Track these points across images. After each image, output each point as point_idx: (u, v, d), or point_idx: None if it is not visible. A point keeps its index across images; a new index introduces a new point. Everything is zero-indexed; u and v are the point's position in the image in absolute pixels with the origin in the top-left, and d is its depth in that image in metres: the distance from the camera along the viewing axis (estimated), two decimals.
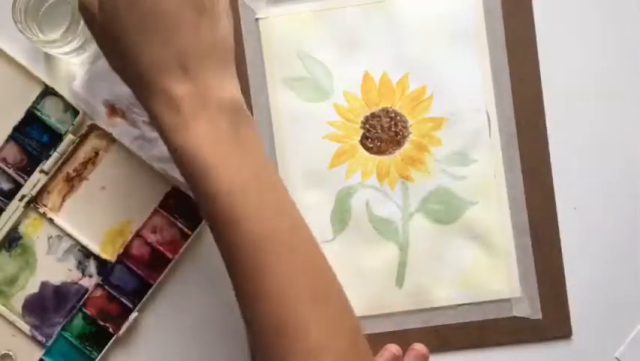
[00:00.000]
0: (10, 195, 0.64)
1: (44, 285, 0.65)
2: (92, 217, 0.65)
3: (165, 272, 0.64)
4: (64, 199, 0.65)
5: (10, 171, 0.64)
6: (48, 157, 0.64)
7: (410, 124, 0.64)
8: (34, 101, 0.64)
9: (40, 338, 0.64)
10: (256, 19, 0.64)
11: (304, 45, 0.64)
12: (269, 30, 0.64)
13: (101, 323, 0.64)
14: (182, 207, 0.64)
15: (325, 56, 0.64)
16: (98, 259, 0.64)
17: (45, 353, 0.64)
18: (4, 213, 0.64)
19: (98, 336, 0.64)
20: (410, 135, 0.64)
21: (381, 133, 0.64)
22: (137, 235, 0.64)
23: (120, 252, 0.64)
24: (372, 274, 0.64)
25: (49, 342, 0.64)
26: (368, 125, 0.64)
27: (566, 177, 0.64)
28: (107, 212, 0.65)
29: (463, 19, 0.64)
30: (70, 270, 0.65)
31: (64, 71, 0.65)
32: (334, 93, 0.64)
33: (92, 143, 0.65)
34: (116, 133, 0.64)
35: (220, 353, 0.64)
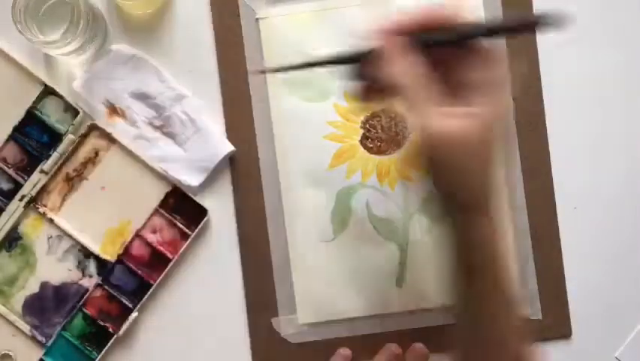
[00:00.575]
0: (10, 195, 0.64)
1: (44, 285, 0.65)
2: (92, 217, 0.65)
3: (165, 272, 0.64)
4: (64, 199, 0.65)
5: (10, 171, 0.64)
6: (48, 157, 0.64)
7: None
8: (34, 101, 0.64)
9: (40, 338, 0.64)
10: (256, 19, 0.64)
11: (304, 45, 0.64)
12: (269, 30, 0.64)
13: (101, 323, 0.64)
14: (182, 207, 0.64)
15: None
16: (98, 259, 0.64)
17: (45, 353, 0.64)
18: (4, 213, 0.64)
19: (98, 336, 0.64)
20: (410, 135, 0.64)
21: (382, 133, 0.64)
22: (137, 235, 0.64)
23: (120, 252, 0.64)
24: (372, 274, 0.64)
25: (49, 342, 0.64)
26: (368, 126, 0.64)
27: (566, 177, 0.64)
28: (107, 212, 0.65)
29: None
30: (70, 270, 0.65)
31: (64, 71, 0.65)
32: (334, 93, 0.64)
33: (92, 143, 0.64)
34: (116, 133, 0.64)
35: (220, 353, 0.64)
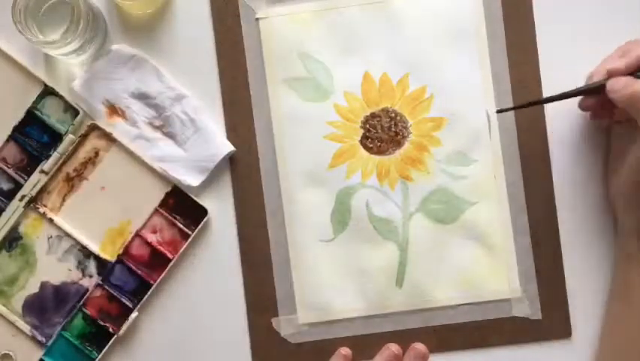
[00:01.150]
0: (10, 195, 0.64)
1: (44, 285, 0.65)
2: (92, 217, 0.65)
3: (165, 272, 0.64)
4: (64, 199, 0.65)
5: (10, 171, 0.64)
6: (48, 157, 0.64)
7: (410, 124, 0.64)
8: (34, 101, 0.64)
9: (40, 338, 0.64)
10: (256, 19, 0.64)
11: (304, 45, 0.64)
12: (269, 30, 0.64)
13: (101, 323, 0.64)
14: (182, 207, 0.64)
15: (325, 56, 0.64)
16: (98, 259, 0.64)
17: (45, 353, 0.64)
18: (4, 213, 0.64)
19: (98, 336, 0.64)
20: (410, 135, 0.64)
21: (382, 133, 0.64)
22: (137, 235, 0.64)
23: (120, 252, 0.64)
24: (372, 274, 0.64)
25: (49, 342, 0.64)
26: (368, 125, 0.64)
27: (566, 177, 0.64)
28: (107, 212, 0.65)
29: (463, 19, 0.64)
30: (70, 270, 0.65)
31: (64, 71, 0.65)
32: (334, 93, 0.64)
33: (92, 143, 0.64)
34: (116, 133, 0.64)
35: (220, 353, 0.64)
